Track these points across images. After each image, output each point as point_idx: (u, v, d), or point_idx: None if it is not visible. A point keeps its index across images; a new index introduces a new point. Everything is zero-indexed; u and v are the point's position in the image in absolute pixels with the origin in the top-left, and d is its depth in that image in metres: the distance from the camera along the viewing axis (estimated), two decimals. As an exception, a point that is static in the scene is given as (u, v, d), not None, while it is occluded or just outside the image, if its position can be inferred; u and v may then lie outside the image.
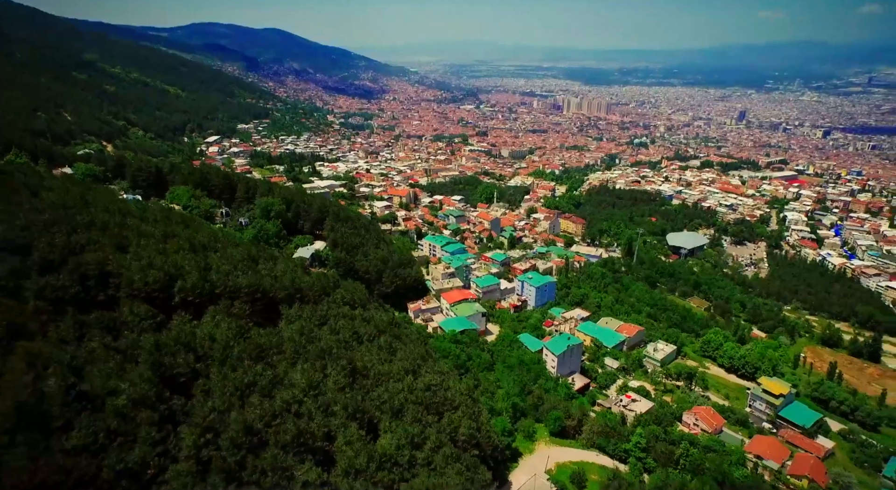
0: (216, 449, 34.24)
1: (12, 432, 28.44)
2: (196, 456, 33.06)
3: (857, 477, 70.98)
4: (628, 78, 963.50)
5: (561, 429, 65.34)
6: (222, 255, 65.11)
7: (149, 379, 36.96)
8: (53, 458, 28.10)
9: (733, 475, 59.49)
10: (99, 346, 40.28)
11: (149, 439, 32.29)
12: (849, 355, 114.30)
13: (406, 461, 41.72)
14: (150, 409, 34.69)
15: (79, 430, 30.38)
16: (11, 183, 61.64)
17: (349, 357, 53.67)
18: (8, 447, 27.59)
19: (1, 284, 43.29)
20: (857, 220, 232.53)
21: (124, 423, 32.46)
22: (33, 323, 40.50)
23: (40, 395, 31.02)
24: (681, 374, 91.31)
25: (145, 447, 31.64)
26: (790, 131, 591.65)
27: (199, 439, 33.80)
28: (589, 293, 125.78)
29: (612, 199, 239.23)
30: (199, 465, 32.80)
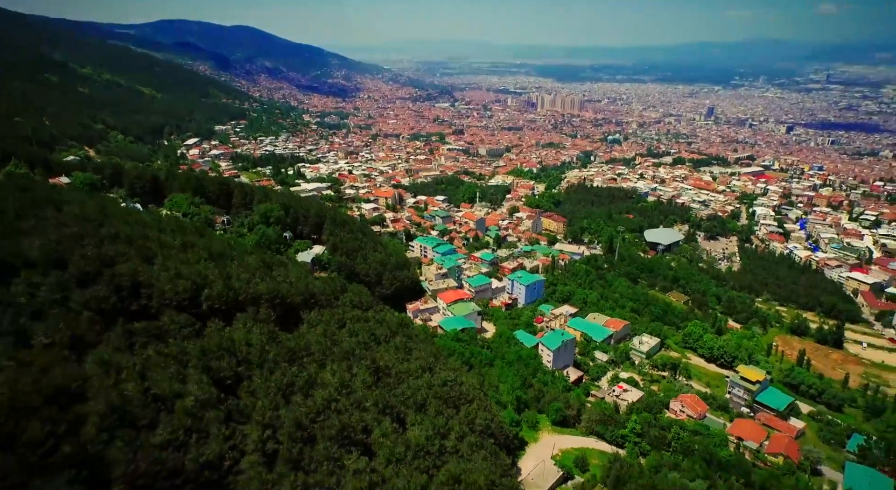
0: (277, 443, 38.37)
1: (111, 430, 32.17)
2: (262, 449, 37.11)
3: (824, 453, 78.94)
4: (600, 74, 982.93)
5: (562, 418, 70.97)
6: (239, 263, 68.48)
7: (207, 382, 40.76)
8: (148, 453, 31.86)
9: (719, 455, 66.22)
10: (153, 353, 43.74)
11: (220, 435, 36.17)
12: (815, 343, 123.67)
13: (436, 450, 46.48)
14: (215, 409, 38.55)
15: (163, 428, 34.10)
16: (34, 197, 63.59)
17: (372, 357, 58.05)
18: (109, 442, 31.37)
19: (54, 297, 46.22)
20: (819, 213, 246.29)
21: (196, 422, 36.26)
22: (90, 333, 43.68)
23: (124, 398, 34.57)
24: (665, 365, 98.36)
25: (219, 442, 35.52)
26: (756, 127, 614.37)
27: (263, 434, 37.89)
28: (575, 290, 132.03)
29: (591, 197, 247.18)
30: (263, 456, 36.87)
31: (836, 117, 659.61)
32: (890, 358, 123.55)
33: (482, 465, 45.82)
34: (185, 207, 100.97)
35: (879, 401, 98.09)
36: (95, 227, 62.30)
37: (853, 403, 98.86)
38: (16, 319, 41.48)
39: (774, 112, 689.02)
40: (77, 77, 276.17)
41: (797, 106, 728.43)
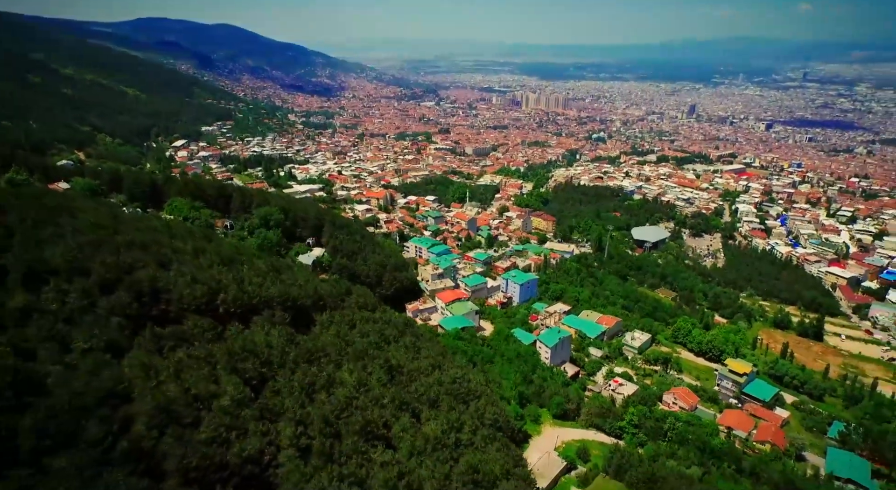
0: (309, 438, 41.08)
1: (160, 428, 34.67)
2: (296, 444, 39.79)
3: (808, 440, 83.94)
4: (583, 73, 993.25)
5: (562, 412, 74.62)
6: (249, 267, 70.71)
7: (239, 382, 43.30)
8: (195, 449, 34.39)
9: (711, 444, 70.46)
10: (184, 356, 46.07)
11: (258, 432, 38.81)
12: (797, 336, 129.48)
13: (452, 442, 49.55)
14: (249, 408, 41.11)
15: (206, 425, 36.58)
16: (48, 205, 65.09)
17: (385, 357, 60.88)
18: (158, 439, 33.88)
19: (82, 304, 48.24)
20: (799, 210, 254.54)
21: (234, 420, 38.81)
22: (121, 338, 45.86)
23: (168, 399, 37.00)
24: (657, 360, 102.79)
25: (258, 438, 38.15)
26: (736, 124, 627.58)
27: (296, 431, 40.61)
28: (567, 288, 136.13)
29: (578, 196, 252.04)
30: (298, 451, 39.56)
31: (812, 115, 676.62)
32: (866, 349, 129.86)
33: (496, 456, 49.17)
34: (186, 212, 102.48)
35: (857, 390, 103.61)
36: (111, 234, 64.14)
37: (833, 393, 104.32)
38: (52, 326, 43.63)
39: (754, 110, 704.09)
40: (59, 78, 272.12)
41: (776, 104, 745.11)
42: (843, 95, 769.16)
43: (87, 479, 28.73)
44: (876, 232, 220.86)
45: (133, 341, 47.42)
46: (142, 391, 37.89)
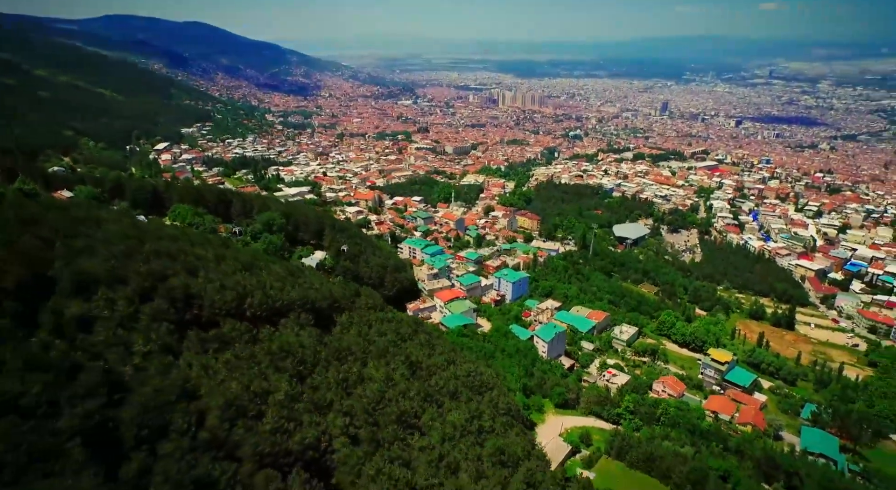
0: (356, 428, 45.97)
1: (233, 420, 39.20)
2: (346, 432, 44.64)
3: (784, 421, 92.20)
4: (558, 70, 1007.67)
5: (564, 401, 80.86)
6: (268, 272, 74.78)
7: (287, 379, 47.91)
8: (264, 437, 38.99)
9: (700, 426, 77.69)
10: (232, 356, 50.31)
11: (312, 423, 43.51)
12: (771, 326, 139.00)
13: (475, 429, 55.00)
14: (299, 402, 45.74)
15: (268, 418, 41.15)
16: (75, 216, 68.07)
17: (405, 354, 65.85)
18: (231, 429, 38.47)
19: (130, 311, 52.02)
20: (769, 205, 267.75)
21: (290, 412, 43.45)
22: (172, 341, 49.90)
23: (234, 394, 41.46)
24: (645, 351, 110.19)
25: (313, 428, 42.88)
26: (708, 121, 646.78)
27: (345, 420, 45.49)
28: (555, 285, 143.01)
29: (560, 194, 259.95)
30: (348, 438, 44.40)
31: (779, 111, 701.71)
32: (833, 336, 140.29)
33: (517, 440, 54.89)
34: (190, 218, 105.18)
35: (826, 374, 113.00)
36: (138, 244, 67.54)
37: (805, 378, 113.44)
38: (111, 332, 47.37)
39: (724, 106, 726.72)
40: (34, 80, 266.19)
41: (744, 100, 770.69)
42: (806, 92, 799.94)
43: (189, 462, 33.24)
44: (840, 225, 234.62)
45: (181, 344, 51.70)
46: (208, 388, 42.33)
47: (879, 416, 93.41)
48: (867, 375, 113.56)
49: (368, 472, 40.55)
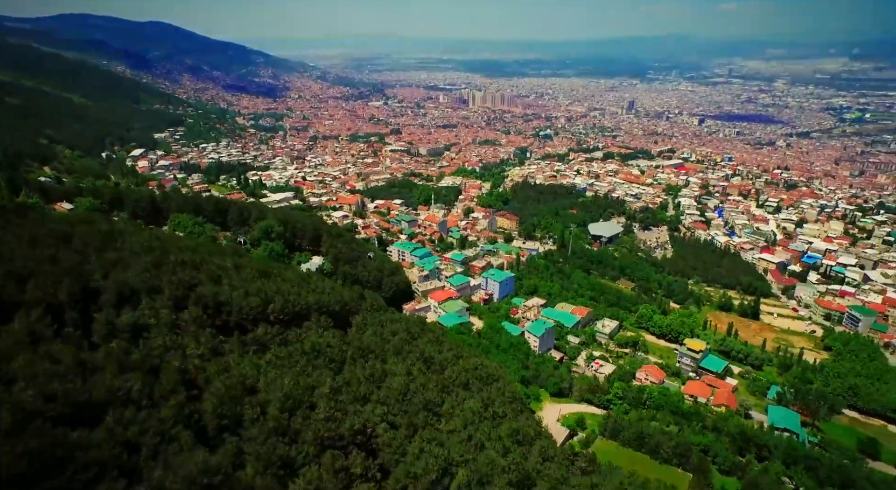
0: (393, 415, 52.34)
1: (291, 411, 45.14)
2: (386, 420, 50.96)
3: (753, 401, 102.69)
4: (525, 69, 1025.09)
5: (558, 390, 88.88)
6: (282, 279, 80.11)
7: (329, 375, 53.94)
8: (319, 425, 45.05)
9: (682, 408, 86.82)
10: (273, 356, 55.94)
11: (356, 412, 49.68)
12: (739, 316, 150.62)
13: (490, 414, 62.00)
14: (341, 394, 51.82)
15: (321, 408, 47.15)
16: (100, 230, 72.13)
17: (418, 351, 72.27)
18: (290, 418, 44.49)
19: (172, 319, 57.05)
20: (733, 202, 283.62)
21: (337, 404, 49.54)
22: (217, 344, 55.26)
23: (289, 389, 47.33)
24: (626, 343, 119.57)
25: (359, 416, 49.09)
26: (672, 119, 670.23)
27: (383, 409, 51.86)
28: (539, 284, 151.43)
29: (536, 195, 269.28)
30: (388, 425, 50.79)
31: (739, 109, 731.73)
32: (794, 324, 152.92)
33: (527, 423, 62.19)
34: (191, 227, 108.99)
35: (788, 359, 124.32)
36: (163, 255, 72.01)
37: (770, 362, 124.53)
38: (167, 338, 52.41)
39: (687, 105, 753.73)
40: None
41: (706, 99, 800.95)
42: (763, 91, 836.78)
43: (270, 445, 39.20)
44: (797, 220, 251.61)
45: (224, 347, 57.15)
46: (264, 384, 48.15)
47: (834, 394, 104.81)
48: (823, 358, 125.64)
49: (413, 452, 46.99)
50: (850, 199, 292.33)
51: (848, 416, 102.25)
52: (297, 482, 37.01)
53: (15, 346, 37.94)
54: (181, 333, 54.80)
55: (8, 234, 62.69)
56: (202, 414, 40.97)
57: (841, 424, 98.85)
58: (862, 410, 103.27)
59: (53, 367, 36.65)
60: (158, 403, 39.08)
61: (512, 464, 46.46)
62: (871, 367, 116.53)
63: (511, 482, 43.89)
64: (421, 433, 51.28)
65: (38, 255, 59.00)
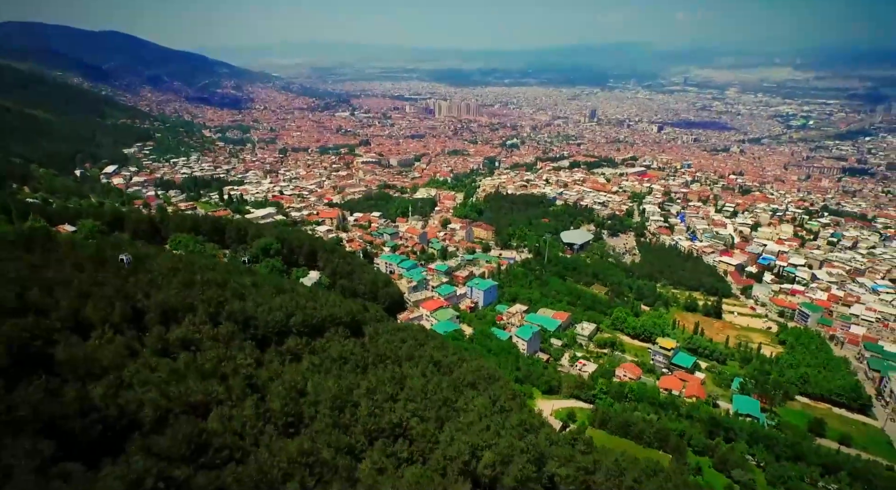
0: (421, 410, 60.81)
1: (340, 408, 53.09)
2: (417, 415, 59.38)
3: (719, 392, 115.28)
4: (489, 78, 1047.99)
5: (549, 388, 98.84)
6: (297, 294, 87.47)
7: (364, 377, 62.00)
8: (365, 418, 53.16)
9: (658, 399, 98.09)
10: (309, 363, 63.59)
11: (391, 408, 57.93)
12: (703, 316, 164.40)
13: (499, 409, 71.09)
14: (375, 393, 59.94)
15: (363, 406, 55.21)
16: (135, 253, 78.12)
17: (428, 355, 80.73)
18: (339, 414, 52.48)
19: (214, 333, 64.08)
20: (693, 207, 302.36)
21: (375, 402, 57.69)
22: (259, 355, 62.63)
23: (335, 390, 55.27)
24: (604, 344, 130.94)
25: (396, 411, 57.36)
26: (633, 126, 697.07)
27: (414, 405, 60.28)
28: (519, 291, 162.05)
29: (508, 205, 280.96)
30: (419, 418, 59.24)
31: (694, 116, 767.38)
32: (752, 322, 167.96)
33: (530, 415, 71.62)
34: (192, 246, 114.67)
35: (748, 353, 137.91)
36: (190, 275, 78.45)
37: (732, 357, 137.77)
38: (219, 351, 59.47)
39: (646, 112, 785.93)
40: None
41: (664, 106, 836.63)
42: (716, 99, 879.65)
43: (334, 436, 47.28)
44: (752, 224, 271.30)
45: (263, 357, 64.57)
46: (312, 387, 56.00)
47: (787, 382, 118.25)
48: (779, 352, 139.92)
49: (444, 439, 55.54)
50: (799, 203, 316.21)
51: (800, 402, 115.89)
52: (364, 463, 45.27)
53: (119, 358, 44.97)
54: (228, 346, 62.11)
55: (52, 261, 68.36)
56: (272, 411, 48.70)
57: (794, 409, 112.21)
58: (811, 396, 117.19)
59: (155, 375, 44.05)
60: (236, 403, 46.75)
61: (529, 445, 55.72)
62: (819, 358, 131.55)
63: (529, 460, 52.99)
64: (447, 425, 60.11)
65: (87, 279, 65.11)
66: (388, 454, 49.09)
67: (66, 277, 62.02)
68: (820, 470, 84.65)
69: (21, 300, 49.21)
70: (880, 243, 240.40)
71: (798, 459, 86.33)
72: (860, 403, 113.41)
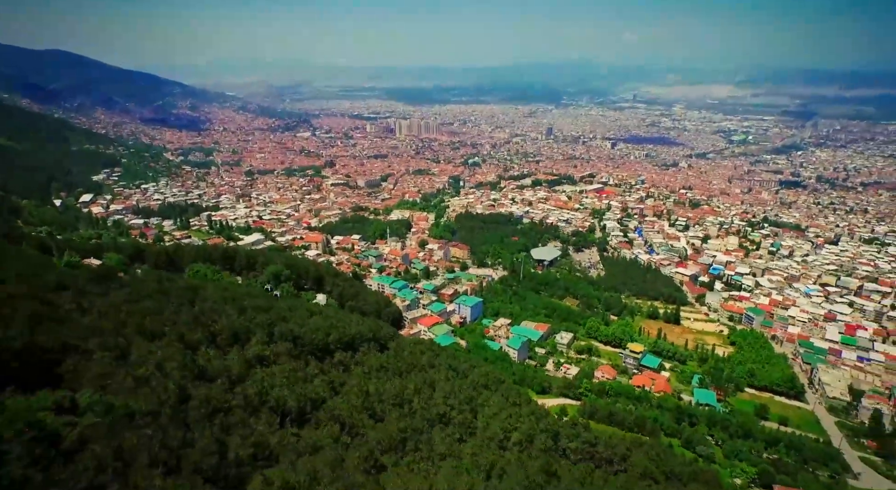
0: (450, 408, 77.04)
1: (400, 405, 68.80)
2: (452, 408, 75.57)
3: (682, 387, 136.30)
4: (446, 96, 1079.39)
5: (542, 389, 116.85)
6: (326, 316, 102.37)
7: (406, 381, 77.84)
8: (419, 413, 69.05)
9: (634, 394, 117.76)
10: (360, 372, 78.88)
11: (433, 405, 73.96)
12: (664, 322, 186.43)
13: (511, 403, 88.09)
14: (418, 395, 75.87)
15: (416, 403, 71.03)
16: (188, 286, 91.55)
17: (446, 364, 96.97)
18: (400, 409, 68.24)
19: (278, 350, 78.69)
20: (649, 222, 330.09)
21: (421, 401, 73.60)
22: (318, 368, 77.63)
23: (391, 390, 70.90)
24: (582, 350, 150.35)
25: (436, 407, 73.39)
26: (588, 143, 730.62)
27: (448, 401, 76.52)
28: (501, 306, 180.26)
29: (479, 224, 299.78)
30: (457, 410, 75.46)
31: (645, 132, 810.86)
32: (707, 326, 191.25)
33: (537, 408, 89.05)
34: (211, 275, 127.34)
35: (704, 354, 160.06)
36: (239, 301, 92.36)
37: (691, 358, 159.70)
38: (294, 364, 74.09)
39: (599, 129, 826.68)
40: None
41: (616, 123, 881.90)
42: (664, 115, 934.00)
43: (407, 422, 63.24)
44: (702, 236, 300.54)
45: (319, 368, 79.66)
46: (374, 389, 71.64)
47: (737, 377, 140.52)
48: (730, 352, 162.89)
49: (481, 425, 72.15)
50: (743, 215, 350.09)
51: (748, 393, 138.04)
52: (434, 437, 61.43)
53: (245, 368, 59.74)
54: (297, 360, 76.95)
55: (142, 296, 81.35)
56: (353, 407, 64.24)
57: (743, 398, 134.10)
58: (757, 387, 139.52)
59: (278, 380, 59.11)
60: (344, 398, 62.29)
61: (546, 426, 73.11)
62: (762, 355, 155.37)
63: (548, 436, 70.36)
64: (479, 415, 76.84)
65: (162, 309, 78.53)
66: (445, 435, 65.43)
67: (159, 308, 75.58)
68: (764, 445, 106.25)
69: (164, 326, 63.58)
70: (812, 251, 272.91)
71: (747, 437, 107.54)
72: (795, 391, 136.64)
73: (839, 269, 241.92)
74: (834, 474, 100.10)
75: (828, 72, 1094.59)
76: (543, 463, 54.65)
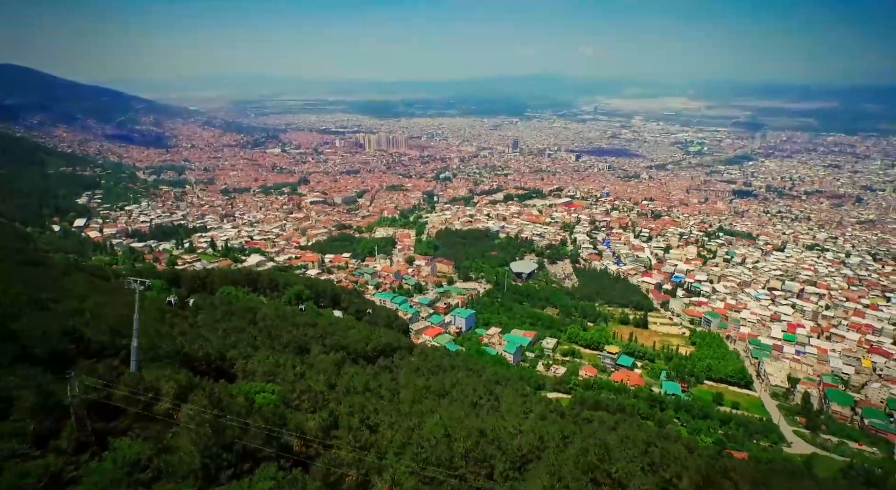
0: (481, 396, 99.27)
1: (417, 402, 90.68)
2: (480, 398, 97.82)
3: (652, 381, 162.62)
4: (412, 109, 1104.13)
5: (538, 385, 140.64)
6: (359, 329, 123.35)
7: (442, 380, 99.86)
8: (455, 408, 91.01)
9: (614, 387, 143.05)
10: (403, 373, 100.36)
11: (466, 394, 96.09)
12: (635, 327, 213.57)
13: (523, 395, 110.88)
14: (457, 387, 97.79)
15: (454, 394, 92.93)
16: (230, 309, 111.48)
17: (462, 365, 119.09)
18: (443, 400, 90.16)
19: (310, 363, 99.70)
20: (616, 234, 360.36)
21: (456, 391, 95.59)
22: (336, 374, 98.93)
23: (419, 390, 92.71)
24: (566, 354, 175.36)
25: (468, 397, 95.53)
26: (553, 155, 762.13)
27: (475, 393, 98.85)
28: (490, 316, 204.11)
29: (459, 240, 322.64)
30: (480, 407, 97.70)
31: (607, 144, 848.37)
32: (671, 329, 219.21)
33: (545, 398, 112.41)
34: (242, 298, 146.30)
35: (670, 353, 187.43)
36: (292, 319, 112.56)
37: (659, 357, 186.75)
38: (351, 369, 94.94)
39: (564, 141, 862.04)
40: None
41: (579, 135, 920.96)
42: (625, 127, 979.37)
43: (450, 410, 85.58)
44: (664, 247, 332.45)
45: (373, 370, 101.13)
46: (414, 387, 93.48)
47: (698, 371, 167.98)
48: (691, 351, 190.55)
49: (504, 408, 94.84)
50: (700, 225, 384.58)
51: (707, 384, 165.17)
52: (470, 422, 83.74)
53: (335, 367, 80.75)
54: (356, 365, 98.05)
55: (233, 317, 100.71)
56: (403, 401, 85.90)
57: (703, 389, 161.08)
58: (714, 379, 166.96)
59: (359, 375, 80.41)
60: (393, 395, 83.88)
61: (554, 408, 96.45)
62: (719, 353, 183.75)
63: (557, 415, 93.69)
64: (500, 402, 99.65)
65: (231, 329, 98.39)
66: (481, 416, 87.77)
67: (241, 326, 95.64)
68: (719, 423, 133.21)
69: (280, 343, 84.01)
70: (762, 258, 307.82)
71: (706, 418, 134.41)
72: (745, 381, 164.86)
73: (784, 275, 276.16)
74: (773, 443, 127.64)
75: (775, 86, 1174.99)
76: (560, 426, 77.69)
